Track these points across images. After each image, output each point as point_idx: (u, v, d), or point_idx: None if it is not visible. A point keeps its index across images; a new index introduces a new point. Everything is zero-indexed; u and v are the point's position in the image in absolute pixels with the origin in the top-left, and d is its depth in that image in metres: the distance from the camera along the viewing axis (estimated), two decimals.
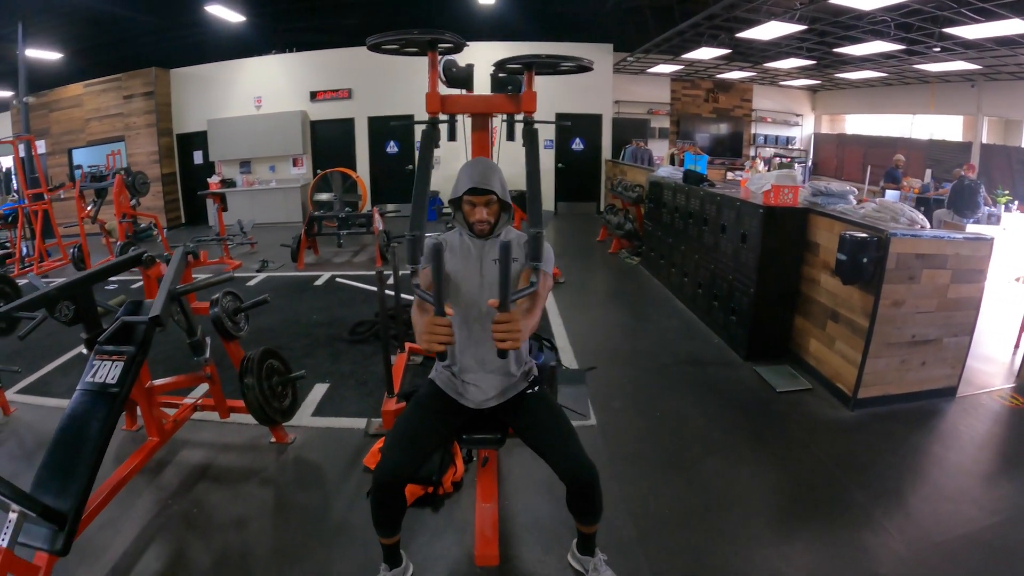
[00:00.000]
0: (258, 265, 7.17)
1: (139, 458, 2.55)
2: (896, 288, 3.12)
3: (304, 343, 4.59)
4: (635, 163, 9.65)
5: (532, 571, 2.11)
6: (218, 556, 2.25)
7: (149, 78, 10.50)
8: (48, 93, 10.98)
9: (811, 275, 3.77)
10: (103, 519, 2.36)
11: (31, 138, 7.68)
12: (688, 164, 7.00)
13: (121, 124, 10.75)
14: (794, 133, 13.21)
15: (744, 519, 2.40)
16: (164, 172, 10.83)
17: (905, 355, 3.28)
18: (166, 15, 9.59)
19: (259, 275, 6.84)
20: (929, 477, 2.76)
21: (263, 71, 10.73)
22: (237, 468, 2.88)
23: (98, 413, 2.23)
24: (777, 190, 3.78)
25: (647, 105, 12.14)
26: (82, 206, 7.08)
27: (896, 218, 3.24)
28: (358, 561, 2.13)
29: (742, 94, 12.62)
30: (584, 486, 1.76)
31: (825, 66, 9.80)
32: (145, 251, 2.92)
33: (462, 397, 1.91)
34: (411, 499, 2.51)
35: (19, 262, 6.90)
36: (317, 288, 6.21)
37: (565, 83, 10.67)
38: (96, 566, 2.18)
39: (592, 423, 3.22)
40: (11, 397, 3.55)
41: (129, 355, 2.40)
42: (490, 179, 1.79)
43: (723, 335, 4.47)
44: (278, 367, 3.10)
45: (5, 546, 1.79)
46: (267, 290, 6.11)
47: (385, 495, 1.77)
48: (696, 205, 5.14)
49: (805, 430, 3.13)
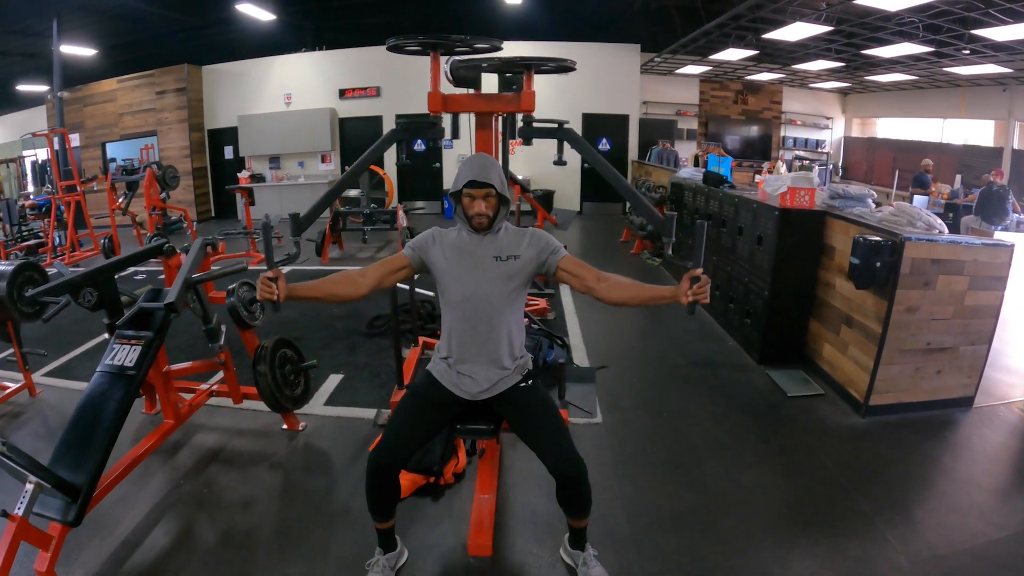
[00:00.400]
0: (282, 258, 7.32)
1: (154, 439, 2.66)
2: (910, 294, 3.06)
3: (323, 335, 4.69)
4: (661, 164, 9.59)
5: (523, 563, 2.14)
6: (224, 534, 2.33)
7: (181, 74, 10.80)
8: (83, 88, 11.36)
9: (827, 279, 3.72)
10: (117, 495, 2.46)
11: (65, 132, 7.98)
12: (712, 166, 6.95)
13: (153, 119, 11.08)
14: (824, 136, 12.94)
15: (741, 523, 2.39)
16: (195, 166, 11.13)
17: (920, 363, 3.21)
18: (198, 13, 9.87)
19: (284, 268, 6.96)
20: (937, 488, 2.71)
21: (293, 68, 10.94)
22: (248, 452, 2.97)
23: (115, 394, 2.34)
24: (793, 192, 3.73)
25: (675, 106, 12.04)
26: (113, 198, 7.33)
27: (913, 222, 3.17)
28: (356, 544, 2.19)
29: (771, 96, 12.42)
30: (571, 480, 1.79)
31: (855, 68, 9.60)
32: (166, 242, 3.04)
33: (457, 388, 1.95)
34: (413, 488, 2.57)
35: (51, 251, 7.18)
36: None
37: (592, 83, 10.78)
38: (108, 539, 2.28)
39: (598, 421, 3.23)
40: (37, 379, 3.71)
41: (147, 340, 2.51)
42: (489, 173, 1.83)
43: (738, 338, 4.43)
44: (291, 356, 3.18)
45: (20, 514, 1.89)
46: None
47: (378, 480, 1.82)
48: (715, 207, 5.10)
49: (813, 436, 3.09)
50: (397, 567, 2.06)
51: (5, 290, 2.70)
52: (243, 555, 2.21)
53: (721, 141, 12.21)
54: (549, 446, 1.81)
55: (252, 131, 11.02)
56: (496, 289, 1.89)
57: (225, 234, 8.22)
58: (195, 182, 11.12)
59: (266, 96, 11.06)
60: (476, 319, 1.90)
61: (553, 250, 1.93)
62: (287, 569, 2.13)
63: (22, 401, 3.51)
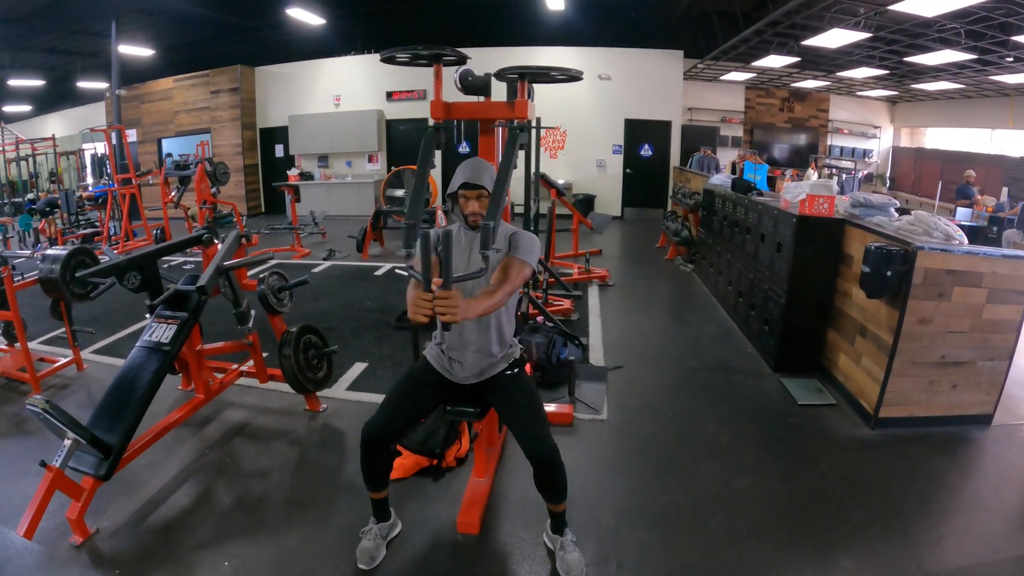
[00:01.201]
0: (325, 253, 7.67)
1: (183, 411, 2.91)
2: (923, 304, 3.01)
3: (354, 326, 4.92)
4: (701, 171, 9.53)
5: (507, 542, 2.26)
6: (238, 499, 2.55)
7: (235, 75, 11.35)
8: (141, 86, 12.05)
9: (844, 288, 3.69)
10: (148, 459, 2.72)
11: (121, 128, 8.53)
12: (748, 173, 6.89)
13: (208, 117, 11.69)
14: (871, 146, 12.54)
15: (727, 525, 2.41)
16: (247, 163, 11.69)
17: (934, 376, 3.16)
18: (251, 16, 10.37)
19: (325, 263, 7.33)
20: (939, 505, 2.64)
21: (342, 71, 11.35)
22: (271, 428, 3.19)
23: (150, 366, 2.59)
24: (812, 199, 3.72)
25: (721, 113, 11.91)
26: (166, 192, 7.82)
27: (929, 232, 3.12)
28: (355, 515, 2.36)
29: (818, 104, 12.12)
30: (542, 463, 1.91)
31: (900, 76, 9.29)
32: (205, 232, 3.29)
33: (448, 372, 2.09)
34: (416, 469, 2.73)
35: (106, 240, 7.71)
36: (376, 277, 6.59)
37: (635, 89, 10.81)
38: (135, 497, 2.53)
39: (603, 418, 3.31)
40: (85, 356, 4.06)
41: (182, 320, 2.76)
42: (481, 176, 1.98)
43: (756, 345, 4.42)
44: (315, 342, 3.39)
45: (58, 466, 2.14)
46: (330, 277, 6.58)
47: (369, 451, 1.98)
48: (741, 214, 5.09)
49: (817, 445, 3.08)
50: (389, 537, 2.21)
51: (59, 272, 2.99)
52: (253, 518, 2.41)
53: (767, 149, 12.00)
54: (525, 430, 1.93)
55: (302, 130, 11.49)
56: (482, 280, 2.02)
57: (271, 228, 8.67)
58: (246, 178, 11.68)
59: (316, 97, 11.51)
60: None
61: (513, 246, 2.01)
62: (290, 532, 2.32)
63: (70, 375, 3.86)
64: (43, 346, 4.35)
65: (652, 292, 6.36)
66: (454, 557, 2.18)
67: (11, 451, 2.88)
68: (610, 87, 10.85)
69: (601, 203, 11.08)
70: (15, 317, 3.38)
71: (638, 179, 11.27)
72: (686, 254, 7.56)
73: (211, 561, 2.16)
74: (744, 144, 11.89)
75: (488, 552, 2.21)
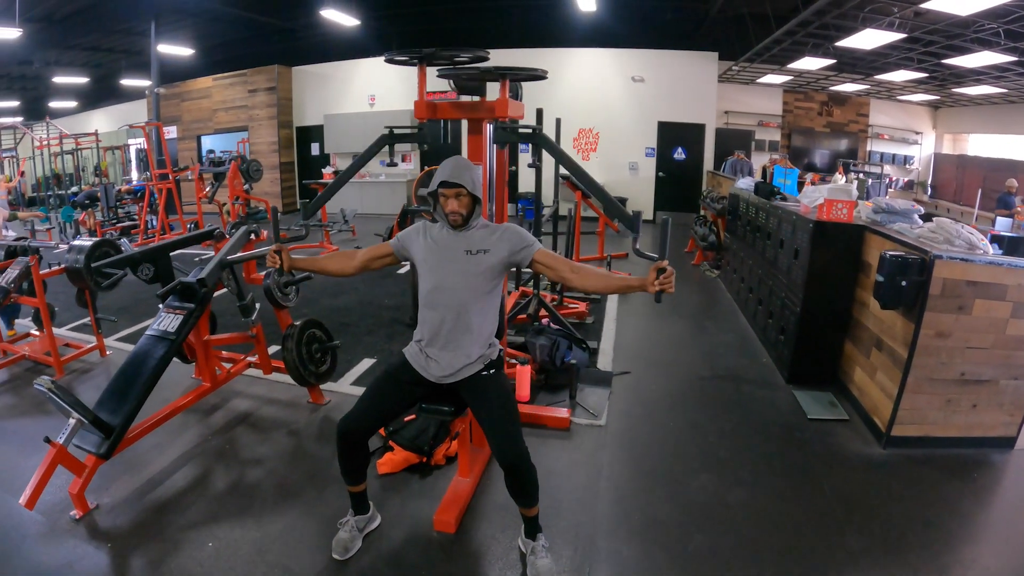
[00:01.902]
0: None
1: (189, 398, 3.02)
2: (941, 317, 2.86)
3: (369, 322, 5.01)
4: (733, 175, 9.32)
5: (482, 544, 2.26)
6: (232, 484, 2.65)
7: (272, 74, 11.68)
8: (181, 84, 12.51)
9: (863, 298, 3.54)
10: (153, 442, 2.84)
11: (159, 125, 8.88)
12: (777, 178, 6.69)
13: (245, 115, 12.06)
14: (913, 152, 12.02)
15: (712, 542, 2.31)
16: (283, 161, 12.03)
17: (952, 394, 3.00)
18: (288, 17, 10.65)
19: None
20: (945, 533, 2.44)
21: (377, 71, 11.51)
22: (272, 419, 3.28)
23: (156, 353, 2.70)
24: (830, 204, 3.58)
25: (757, 116, 11.61)
26: (201, 187, 8.11)
27: (951, 240, 2.97)
28: (339, 506, 2.38)
29: (858, 108, 11.68)
30: (509, 466, 1.90)
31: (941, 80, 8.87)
32: (217, 227, 3.41)
33: (424, 371, 2.10)
34: (405, 465, 2.76)
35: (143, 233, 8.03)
36: (399, 275, 6.64)
37: (668, 91, 10.66)
38: (137, 476, 2.66)
39: (601, 424, 3.26)
40: (109, 343, 4.26)
41: (188, 311, 2.86)
42: (460, 174, 1.98)
43: (773, 355, 4.29)
44: (319, 336, 3.46)
45: (61, 443, 2.25)
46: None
47: (345, 444, 2.02)
48: (763, 218, 4.96)
49: (822, 462, 2.95)
50: (367, 530, 2.25)
51: (83, 262, 3.14)
52: (243, 502, 2.50)
53: (806, 154, 11.65)
54: (495, 433, 1.94)
55: (337, 129, 11.72)
56: (463, 281, 2.03)
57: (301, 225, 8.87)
58: (282, 176, 12.01)
59: (351, 97, 11.74)
60: (444, 308, 2.05)
61: (527, 244, 2.05)
62: (275, 519, 2.39)
63: (93, 360, 4.05)
64: (71, 332, 4.58)
65: (674, 297, 6.09)
66: (427, 554, 2.19)
67: (30, 429, 3.04)
68: (643, 89, 10.72)
69: (632, 206, 10.92)
70: (41, 304, 3.56)
71: (671, 183, 11.09)
72: (713, 260, 7.40)
73: (196, 541, 2.24)
74: (782, 149, 11.57)
75: (461, 552, 2.22)
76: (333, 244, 8.24)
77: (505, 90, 2.19)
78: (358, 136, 11.67)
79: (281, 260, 2.22)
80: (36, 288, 3.54)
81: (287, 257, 2.24)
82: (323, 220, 8.49)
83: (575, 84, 10.89)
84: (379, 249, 2.24)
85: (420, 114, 2.36)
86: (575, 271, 2.03)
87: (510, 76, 2.19)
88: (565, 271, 2.02)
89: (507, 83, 2.19)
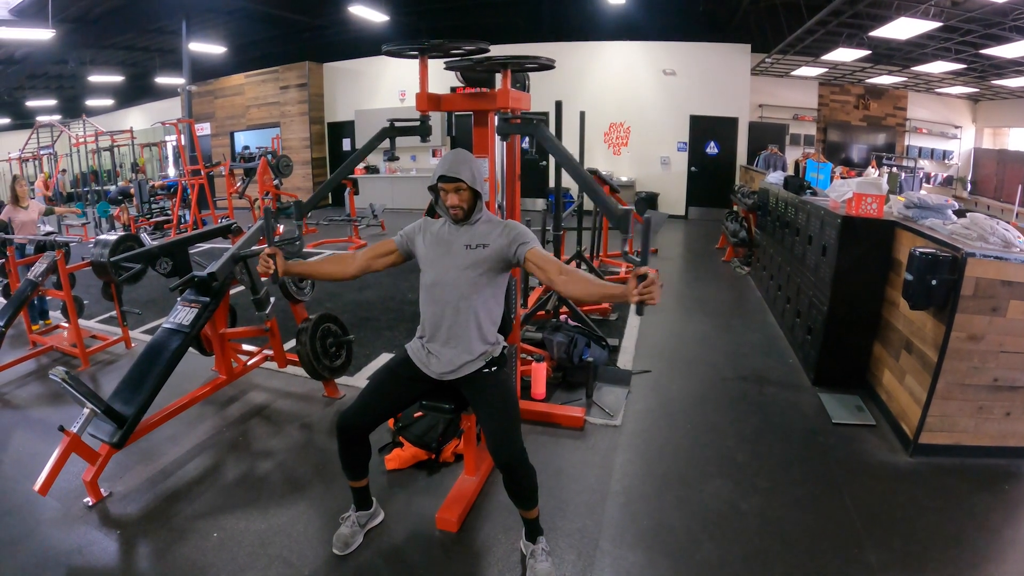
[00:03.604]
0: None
1: (204, 390, 3.07)
2: (973, 319, 2.70)
3: (391, 316, 5.03)
4: (766, 169, 9.08)
5: (484, 544, 2.22)
6: (242, 475, 2.68)
7: (303, 71, 11.85)
8: (214, 82, 12.79)
9: (893, 297, 3.38)
10: (168, 433, 2.90)
11: (191, 121, 9.10)
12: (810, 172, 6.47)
13: (277, 112, 12.27)
14: (952, 147, 11.51)
15: (722, 552, 2.22)
16: (314, 156, 12.21)
17: (984, 400, 2.83)
18: (318, 15, 10.78)
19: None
20: (971, 549, 2.28)
21: (407, 67, 11.48)
22: (287, 412, 3.32)
23: (171, 346, 2.75)
24: (859, 199, 3.42)
25: (792, 110, 11.27)
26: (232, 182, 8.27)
27: (985, 237, 2.79)
28: (346, 501, 2.35)
29: (895, 101, 11.23)
30: (505, 466, 1.86)
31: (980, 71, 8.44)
32: (234, 222, 3.46)
33: (425, 367, 2.08)
34: (413, 461, 2.75)
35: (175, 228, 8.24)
36: None
37: (699, 84, 10.43)
38: (150, 466, 2.71)
39: (617, 424, 3.19)
40: (134, 335, 4.39)
41: (203, 304, 2.91)
42: (460, 168, 1.94)
43: (800, 355, 4.15)
44: (334, 330, 3.48)
45: (75, 432, 2.30)
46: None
47: (344, 439, 2.01)
48: (792, 214, 4.79)
49: (845, 469, 2.81)
50: (369, 526, 2.24)
51: (107, 256, 3.22)
52: (251, 494, 2.53)
53: (843, 149, 11.27)
54: (493, 432, 1.89)
55: (368, 125, 11.77)
56: (463, 275, 2.00)
57: (330, 220, 8.99)
58: (314, 171, 12.19)
59: (382, 92, 11.84)
60: (444, 303, 2.02)
61: (522, 242, 1.99)
62: (280, 512, 2.40)
63: (118, 352, 4.18)
64: (99, 324, 4.72)
65: (701, 294, 6.09)
66: (427, 553, 2.17)
67: (53, 418, 3.13)
68: (675, 82, 10.51)
69: (665, 201, 10.78)
70: (67, 297, 3.68)
71: (703, 177, 10.85)
72: (743, 256, 7.22)
73: (202, 531, 2.27)
74: (817, 143, 11.21)
75: (462, 552, 2.19)
76: (362, 239, 8.30)
77: (507, 80, 2.14)
78: None
79: (274, 265, 2.04)
80: (62, 281, 3.65)
81: (281, 262, 2.05)
82: (352, 215, 8.57)
83: (606, 78, 10.75)
84: (381, 247, 2.18)
85: (421, 106, 2.33)
86: (563, 273, 1.88)
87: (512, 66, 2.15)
88: (553, 273, 1.89)
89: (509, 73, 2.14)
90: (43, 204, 4.85)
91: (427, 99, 2.30)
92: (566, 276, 1.87)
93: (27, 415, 3.30)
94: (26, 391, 3.59)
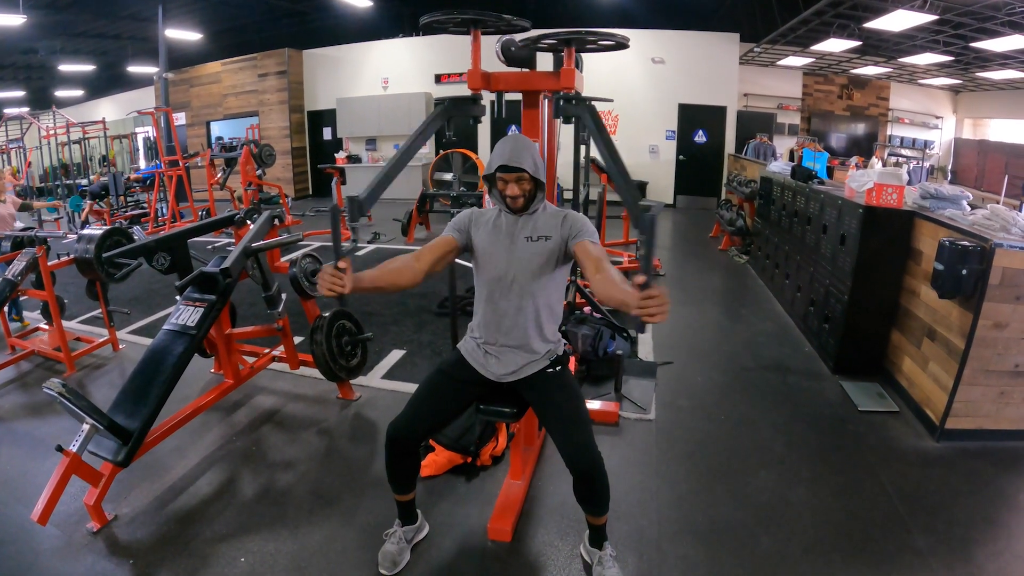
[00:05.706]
0: (370, 237, 7.65)
1: (211, 396, 2.85)
2: (999, 308, 2.71)
3: (395, 312, 4.82)
4: (757, 159, 9.10)
5: (541, 553, 2.10)
6: (261, 490, 2.46)
7: (282, 58, 11.39)
8: (189, 70, 12.25)
9: (912, 286, 3.37)
10: (173, 445, 2.67)
11: (168, 110, 8.67)
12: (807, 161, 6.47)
13: (255, 100, 11.81)
14: (933, 136, 11.77)
15: (780, 544, 2.18)
16: (294, 146, 11.79)
17: (1006, 386, 2.84)
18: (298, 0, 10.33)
19: (369, 246, 7.30)
20: (1007, 530, 2.34)
21: (390, 53, 11.22)
22: (301, 416, 3.11)
23: (175, 350, 2.52)
24: (880, 189, 3.39)
25: (777, 99, 11.32)
26: (212, 173, 7.90)
27: (1007, 228, 2.81)
28: (382, 514, 2.24)
29: (878, 92, 11.40)
30: (583, 474, 1.73)
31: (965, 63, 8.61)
32: (238, 213, 3.22)
33: (484, 368, 1.92)
34: (449, 466, 2.58)
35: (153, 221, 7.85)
36: None
37: (688, 73, 10.38)
38: (157, 483, 2.48)
39: (651, 417, 3.11)
40: (122, 336, 4.09)
41: (209, 303, 2.68)
42: (521, 157, 1.78)
43: (815, 344, 4.12)
44: (349, 328, 3.27)
45: (75, 451, 2.08)
46: (374, 261, 6.50)
47: (395, 451, 1.84)
48: (801, 203, 4.76)
49: (878, 456, 2.80)
50: (415, 541, 2.08)
51: (93, 252, 2.96)
52: (275, 510, 2.32)
53: (825, 138, 11.40)
54: (566, 437, 1.76)
55: (350, 113, 11.43)
56: (526, 269, 1.85)
57: (316, 211, 8.70)
58: (294, 161, 11.78)
59: (364, 80, 11.45)
60: (506, 299, 1.87)
61: (577, 232, 1.85)
62: (312, 529, 2.21)
63: (105, 354, 3.88)
64: (81, 326, 4.41)
65: (705, 284, 6.05)
66: (483, 566, 2.03)
67: (41, 431, 2.88)
68: (663, 71, 10.43)
69: (653, 190, 10.71)
70: (50, 296, 3.39)
71: (691, 166, 10.83)
72: (740, 245, 7.22)
73: (227, 556, 2.07)
74: (801, 132, 11.32)
75: (519, 562, 2.05)
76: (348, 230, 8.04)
77: (571, 59, 1.98)
78: (371, 120, 11.41)
79: (346, 283, 1.59)
80: (44, 280, 3.36)
81: (351, 278, 1.60)
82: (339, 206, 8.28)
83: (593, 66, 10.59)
84: (441, 246, 1.90)
85: (474, 84, 2.15)
86: (599, 271, 1.69)
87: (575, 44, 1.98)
88: (591, 270, 1.72)
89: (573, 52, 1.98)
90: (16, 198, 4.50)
91: (480, 76, 2.10)
92: (600, 275, 1.68)
93: (11, 428, 3.00)
94: (7, 401, 3.29)
